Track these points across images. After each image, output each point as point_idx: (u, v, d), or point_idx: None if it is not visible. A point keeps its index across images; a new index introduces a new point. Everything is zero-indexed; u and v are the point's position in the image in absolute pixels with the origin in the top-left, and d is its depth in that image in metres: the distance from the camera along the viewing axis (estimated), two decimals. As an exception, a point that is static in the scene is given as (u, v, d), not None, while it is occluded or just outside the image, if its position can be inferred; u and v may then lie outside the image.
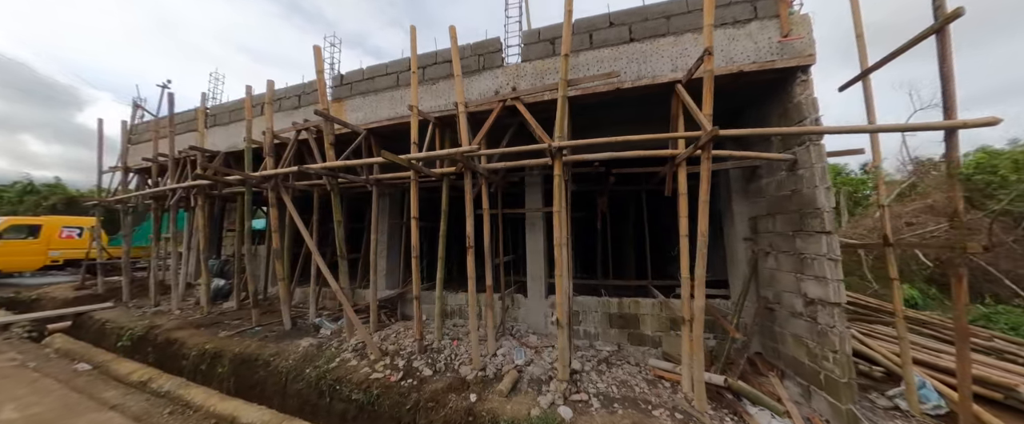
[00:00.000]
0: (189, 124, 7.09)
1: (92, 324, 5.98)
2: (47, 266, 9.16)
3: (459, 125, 4.17)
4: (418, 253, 4.35)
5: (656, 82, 4.02)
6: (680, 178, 4.08)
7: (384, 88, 5.18)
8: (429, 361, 4.17)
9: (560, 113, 3.72)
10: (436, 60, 4.90)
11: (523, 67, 4.45)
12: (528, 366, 4.16)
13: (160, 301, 6.80)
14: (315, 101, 5.73)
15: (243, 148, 6.25)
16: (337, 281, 4.75)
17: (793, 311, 3.97)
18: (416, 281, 4.37)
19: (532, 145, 3.99)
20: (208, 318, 5.86)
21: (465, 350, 4.55)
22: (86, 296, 7.18)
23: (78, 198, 16.10)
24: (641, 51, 4.10)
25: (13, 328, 5.37)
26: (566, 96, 3.74)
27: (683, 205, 4.05)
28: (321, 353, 4.50)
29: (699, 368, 3.46)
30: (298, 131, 5.21)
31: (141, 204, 7.39)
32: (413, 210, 4.37)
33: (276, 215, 5.19)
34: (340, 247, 4.64)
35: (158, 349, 5.02)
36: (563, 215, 3.79)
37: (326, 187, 5.85)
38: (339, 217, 4.64)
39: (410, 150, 4.37)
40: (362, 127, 5.16)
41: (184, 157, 6.52)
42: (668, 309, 4.96)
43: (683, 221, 4.05)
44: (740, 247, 4.89)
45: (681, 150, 4.02)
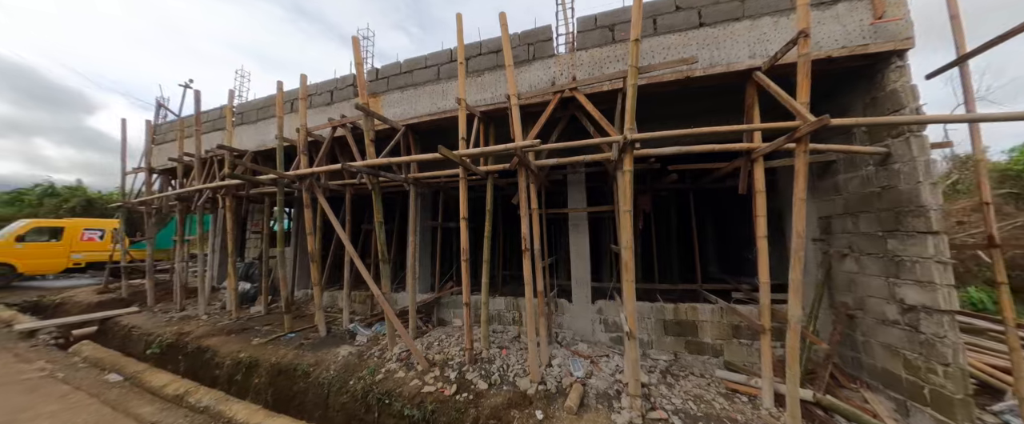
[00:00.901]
0: (214, 123, 6.82)
1: (118, 330, 5.71)
2: (69, 269, 8.96)
3: (512, 118, 3.82)
4: (468, 256, 4.00)
5: (731, 70, 3.65)
6: (757, 174, 3.71)
7: (423, 82, 4.85)
8: (482, 372, 3.82)
9: (630, 103, 3.35)
10: (480, 51, 4.55)
11: (578, 56, 4.09)
12: (589, 379, 3.80)
13: (185, 305, 6.52)
14: (348, 97, 5.42)
15: (272, 147, 5.96)
16: (378, 285, 4.41)
17: (883, 319, 3.57)
18: (466, 286, 4.02)
19: (587, 139, 3.63)
20: (238, 324, 5.56)
21: (515, 360, 4.20)
22: (110, 300, 6.93)
23: (97, 200, 15.98)
24: (713, 37, 3.72)
25: (40, 334, 5.10)
26: (636, 84, 3.37)
27: (760, 203, 3.68)
28: (363, 363, 4.17)
29: (794, 384, 3.07)
30: (334, 127, 4.89)
31: (165, 206, 7.14)
32: (463, 210, 4.02)
33: (310, 216, 4.87)
34: (382, 250, 4.30)
35: (189, 358, 4.72)
36: (631, 215, 3.42)
37: (358, 187, 5.55)
38: (380, 218, 4.31)
39: (458, 146, 4.03)
40: (400, 123, 4.83)
41: (211, 157, 6.23)
42: (729, 315, 4.57)
43: (760, 221, 3.68)
44: (808, 249, 4.48)
45: (758, 143, 3.65)
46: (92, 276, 9.51)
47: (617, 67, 3.94)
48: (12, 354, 4.45)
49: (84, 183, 17.23)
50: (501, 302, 5.60)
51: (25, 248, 8.22)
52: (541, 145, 3.35)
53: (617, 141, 3.34)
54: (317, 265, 4.92)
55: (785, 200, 4.96)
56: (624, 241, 3.41)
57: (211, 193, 6.08)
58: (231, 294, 5.81)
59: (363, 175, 4.34)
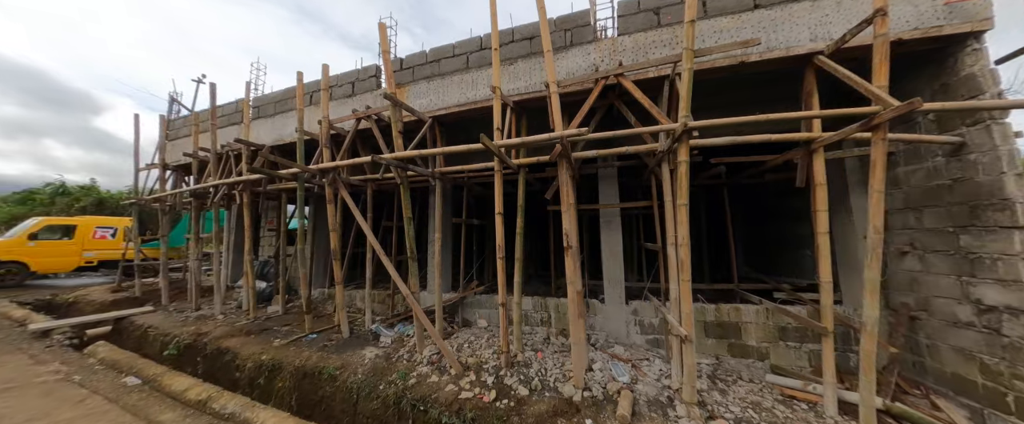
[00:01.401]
0: (229, 118, 6.60)
1: (133, 330, 5.50)
2: (81, 267, 8.78)
3: (551, 107, 3.56)
4: (504, 253, 3.75)
5: (790, 54, 3.37)
6: (817, 166, 3.44)
7: (451, 71, 4.60)
8: (521, 377, 3.57)
9: (686, 89, 3.09)
10: (512, 37, 4.30)
11: (620, 41, 3.83)
12: (635, 384, 3.54)
13: (201, 305, 6.31)
14: (371, 89, 5.18)
15: (290, 141, 5.75)
16: (406, 284, 4.17)
17: (954, 321, 3.29)
18: (502, 285, 3.77)
19: (626, 130, 3.37)
20: (256, 324, 5.34)
21: (552, 363, 3.94)
22: (124, 299, 6.73)
23: (108, 199, 15.86)
24: (769, 19, 3.45)
25: (54, 334, 4.90)
26: (692, 69, 3.11)
27: (821, 198, 3.41)
28: (392, 366, 3.93)
29: (870, 392, 2.81)
30: (359, 119, 4.65)
31: (179, 203, 6.93)
32: (498, 205, 3.77)
33: (333, 212, 4.63)
34: (411, 247, 4.06)
35: (208, 360, 4.50)
36: (686, 209, 3.16)
37: (379, 182, 5.31)
38: (409, 213, 4.06)
39: (493, 137, 3.78)
40: (427, 115, 4.58)
41: (227, 152, 6.01)
42: (776, 316, 4.30)
43: (821, 217, 3.40)
44: (861, 246, 4.20)
45: (819, 133, 3.37)
46: (104, 274, 9.34)
47: (663, 52, 3.68)
48: (27, 355, 4.24)
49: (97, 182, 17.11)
50: (528, 302, 5.35)
51: (38, 246, 8.05)
52: (588, 134, 3.10)
53: (672, 129, 3.07)
54: (339, 263, 4.69)
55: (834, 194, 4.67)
56: (680, 238, 3.15)
57: (227, 189, 5.86)
58: (249, 293, 5.58)
59: (392, 168, 4.09)
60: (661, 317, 4.72)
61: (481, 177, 5.24)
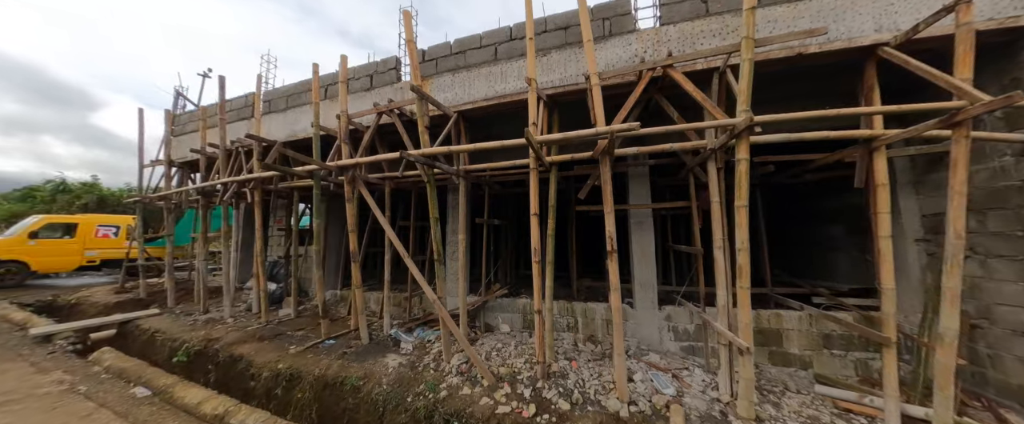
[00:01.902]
0: (238, 112, 6.30)
1: (139, 334, 5.23)
2: (83, 267, 8.47)
3: (593, 100, 3.30)
4: (540, 256, 3.49)
5: (852, 46, 3.12)
6: (878, 166, 3.20)
7: (478, 64, 4.33)
8: (560, 389, 3.32)
9: (746, 81, 2.84)
10: (545, 27, 4.03)
11: (665, 31, 3.57)
12: (682, 397, 3.30)
13: (208, 307, 6.03)
14: (390, 82, 4.90)
15: (303, 137, 5.47)
16: (432, 287, 3.91)
17: (1021, 330, 3.07)
18: (537, 290, 3.52)
19: (670, 125, 3.12)
20: (268, 329, 5.07)
21: (589, 374, 3.70)
22: (128, 301, 6.44)
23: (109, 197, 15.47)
24: (829, 8, 3.20)
25: (56, 339, 4.61)
26: (753, 59, 2.85)
27: (883, 199, 3.17)
28: (419, 376, 3.67)
29: (947, 408, 2.58)
30: (380, 114, 4.37)
31: (185, 201, 6.64)
32: (534, 204, 3.51)
33: (353, 211, 4.36)
34: (437, 249, 3.80)
35: (221, 368, 4.23)
36: (746, 211, 2.91)
37: (398, 180, 5.04)
38: (435, 213, 3.80)
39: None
40: (452, 110, 4.31)
41: (237, 148, 5.72)
42: (820, 323, 4.07)
43: (883, 219, 3.16)
44: (911, 250, 3.97)
45: (880, 130, 3.13)
46: (106, 274, 9.03)
47: (712, 43, 3.42)
48: (28, 362, 3.96)
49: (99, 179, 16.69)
50: (553, 307, 5.09)
51: (38, 245, 7.74)
52: (639, 129, 2.84)
53: (731, 125, 2.82)
54: (358, 265, 4.42)
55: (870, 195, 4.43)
56: (739, 241, 2.90)
57: (237, 187, 5.57)
58: (261, 296, 5.31)
59: (417, 166, 3.82)
60: (696, 324, 4.49)
61: (504, 175, 4.97)
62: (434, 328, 5.11)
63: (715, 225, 3.55)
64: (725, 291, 3.52)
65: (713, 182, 3.52)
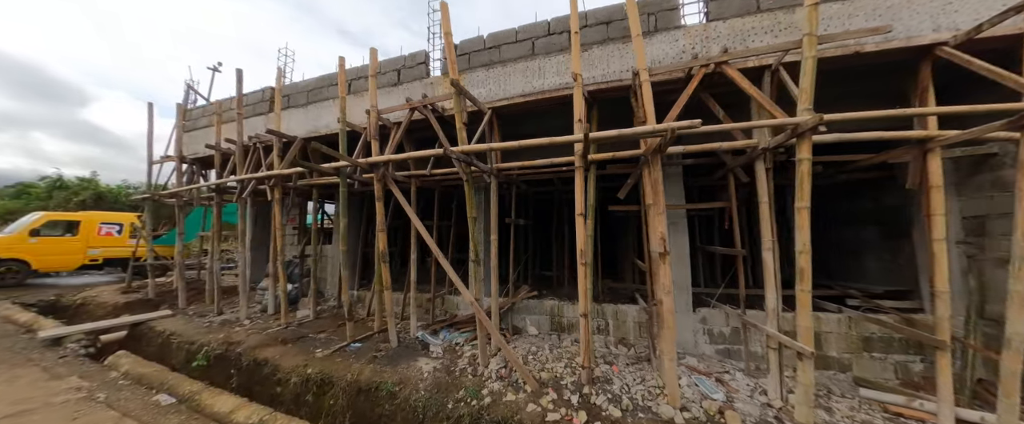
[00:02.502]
0: (254, 108, 6.07)
1: (153, 336, 4.99)
2: (85, 265, 8.14)
3: (642, 97, 3.17)
4: (588, 258, 3.35)
5: (910, 45, 3.03)
6: (932, 167, 3.11)
7: (514, 58, 4.18)
8: (608, 395, 3.19)
9: (809, 79, 2.73)
10: (586, 21, 3.89)
11: (714, 27, 3.45)
12: (732, 402, 3.19)
13: (222, 308, 5.80)
14: (419, 77, 4.73)
15: (325, 133, 5.27)
16: (467, 289, 3.75)
17: (1077, 336, 2.99)
18: (583, 294, 3.38)
19: (729, 123, 3.02)
20: (289, 331, 4.87)
21: (632, 378, 3.58)
22: (137, 301, 6.18)
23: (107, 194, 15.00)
24: (886, 6, 3.10)
25: (67, 342, 4.36)
26: (815, 56, 2.75)
27: (938, 200, 3.09)
28: (457, 381, 3.51)
29: (1013, 414, 2.49)
30: (412, 109, 4.20)
31: (197, 198, 6.39)
32: (579, 205, 3.38)
33: (382, 210, 4.18)
34: (475, 249, 3.65)
35: (244, 373, 4.03)
36: (808, 212, 2.80)
37: (424, 179, 4.87)
38: (473, 213, 3.65)
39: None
40: (486, 106, 4.16)
41: (254, 143, 5.50)
42: (859, 325, 4.00)
43: (937, 221, 3.08)
44: (951, 253, 3.90)
45: (935, 131, 3.05)
46: (109, 273, 8.70)
47: (764, 39, 3.31)
48: (40, 368, 3.72)
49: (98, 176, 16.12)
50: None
51: (39, 243, 7.40)
52: (701, 125, 2.71)
53: (795, 123, 2.71)
54: (387, 266, 4.24)
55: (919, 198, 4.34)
56: (800, 244, 2.79)
57: (255, 184, 5.35)
58: (281, 297, 5.10)
59: (456, 163, 3.66)
60: (732, 326, 4.40)
61: (536, 174, 4.81)
62: (462, 330, 4.95)
63: (764, 227, 3.44)
64: (775, 294, 3.42)
65: (762, 183, 3.42)
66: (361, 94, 5.04)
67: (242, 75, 5.36)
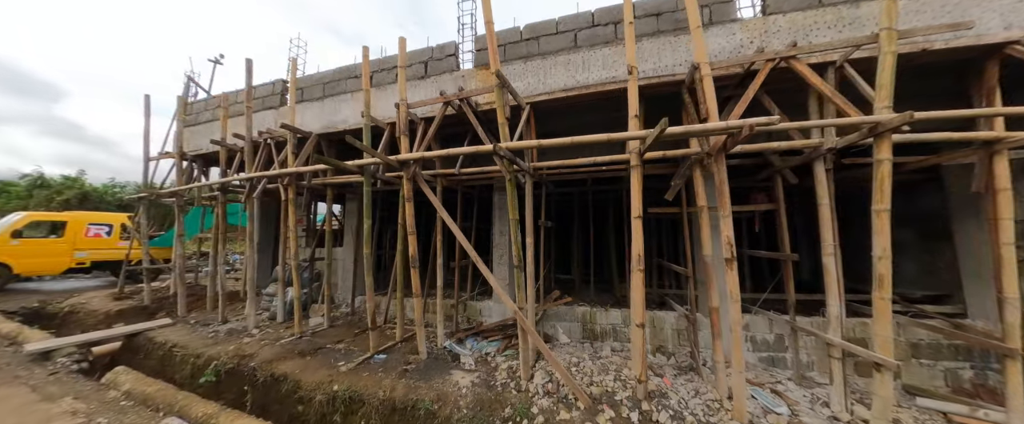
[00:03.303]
0: (263, 101, 5.66)
1: (153, 348, 4.54)
2: (71, 269, 7.52)
3: (704, 92, 2.96)
4: (643, 264, 3.11)
5: (981, 42, 2.89)
6: (999, 169, 2.98)
7: (554, 51, 3.93)
8: (670, 412, 2.95)
9: (888, 76, 2.56)
10: (636, 13, 3.65)
11: (774, 21, 3.26)
12: (797, 416, 2.99)
13: (227, 316, 5.37)
14: (449, 69, 4.44)
15: (343, 129, 4.92)
16: (510, 296, 3.47)
17: None
18: (638, 302, 3.13)
19: (805, 121, 2.82)
20: (304, 342, 4.50)
21: (685, 391, 3.35)
22: (131, 309, 5.68)
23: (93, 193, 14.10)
24: (955, 3, 2.96)
25: (57, 356, 3.89)
26: (895, 52, 2.57)
27: (1006, 204, 2.96)
28: (500, 397, 3.22)
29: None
30: (446, 103, 3.90)
31: (198, 198, 5.94)
32: (636, 206, 3.13)
33: (411, 210, 3.87)
34: (518, 253, 3.37)
35: (260, 389, 3.65)
36: (888, 215, 2.62)
37: (453, 177, 4.57)
38: (515, 215, 3.38)
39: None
40: (524, 101, 3.89)
41: (265, 139, 5.11)
42: (908, 331, 3.86)
43: (1006, 225, 2.95)
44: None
45: (1002, 132, 2.92)
46: (97, 277, 8.09)
47: (827, 35, 3.14)
48: (27, 386, 3.28)
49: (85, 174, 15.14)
50: (617, 315, 4.74)
51: (22, 245, 6.77)
52: (786, 123, 2.51)
53: (876, 122, 2.53)
54: (417, 271, 3.93)
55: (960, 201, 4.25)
56: (880, 249, 2.61)
57: (266, 182, 4.96)
58: (295, 304, 4.72)
59: (498, 161, 3.38)
60: (776, 333, 4.22)
61: (570, 174, 4.56)
62: (490, 339, 4.66)
63: (825, 230, 3.27)
64: (837, 301, 3.24)
65: (822, 184, 3.25)
66: (383, 87, 4.72)
67: (252, 65, 4.96)
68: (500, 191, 5.38)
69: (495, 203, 5.39)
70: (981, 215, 3.98)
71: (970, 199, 4.14)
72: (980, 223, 3.95)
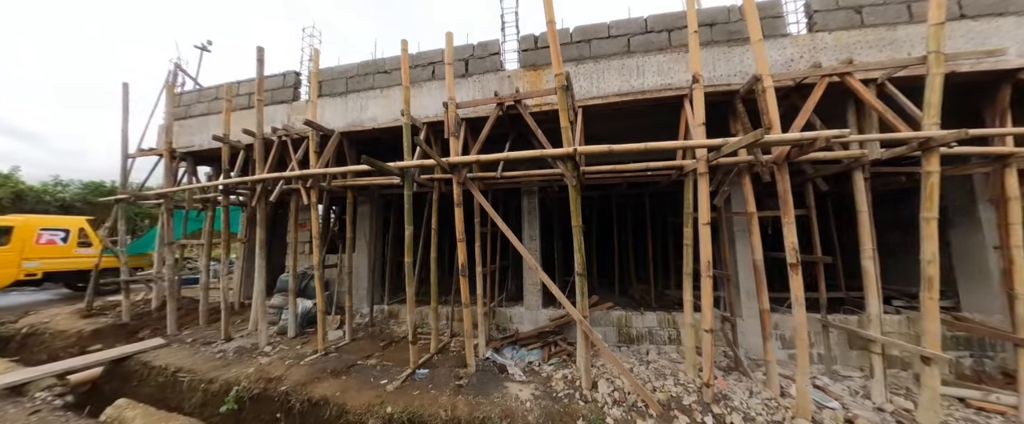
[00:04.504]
0: (271, 94, 5.15)
1: (149, 374, 3.96)
2: (19, 281, 6.36)
3: (766, 103, 3.06)
4: (711, 271, 3.16)
5: (998, 68, 3.23)
6: (1009, 181, 3.34)
7: (607, 55, 3.90)
8: (741, 414, 3.01)
9: (936, 95, 2.79)
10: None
11: (820, 38, 3.45)
12: (847, 409, 3.17)
13: (231, 333, 4.83)
14: (493, 68, 4.27)
15: (371, 127, 4.59)
16: (573, 304, 3.40)
17: (1116, 330, 3.38)
18: (707, 306, 3.18)
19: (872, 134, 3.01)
20: (332, 359, 4.14)
21: (742, 391, 3.45)
22: (108, 327, 4.92)
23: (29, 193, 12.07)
24: (978, 31, 3.29)
25: (32, 390, 3.24)
26: (942, 73, 2.81)
27: (1015, 211, 3.32)
28: (568, 409, 3.13)
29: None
30: (500, 104, 3.74)
31: (190, 200, 5.28)
32: (704, 214, 3.17)
33: (461, 216, 3.68)
34: (581, 261, 3.30)
35: (296, 418, 3.29)
36: (934, 224, 2.85)
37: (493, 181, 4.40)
38: (578, 222, 3.30)
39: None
40: (577, 104, 3.83)
41: (280, 137, 4.65)
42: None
43: (1015, 228, 3.32)
44: (990, 257, 4.28)
45: (1013, 148, 3.28)
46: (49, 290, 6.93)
47: (869, 53, 3.37)
48: (6, 433, 2.71)
49: (19, 170, 12.92)
50: (652, 318, 4.81)
51: (-48, 256, 5.63)
52: (855, 135, 2.64)
53: (925, 138, 2.74)
54: (466, 279, 3.74)
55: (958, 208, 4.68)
56: (928, 253, 2.82)
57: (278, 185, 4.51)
58: (319, 318, 4.33)
59: (560, 165, 3.30)
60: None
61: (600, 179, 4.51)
62: (530, 348, 4.55)
63: (864, 235, 3.51)
64: (877, 300, 3.49)
65: (861, 193, 3.48)
66: (417, 85, 4.45)
67: (264, 54, 4.49)
68: (528, 195, 5.28)
69: (524, 208, 5.28)
70: (973, 221, 4.48)
71: (963, 207, 4.66)
72: (973, 228, 4.44)
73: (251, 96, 5.18)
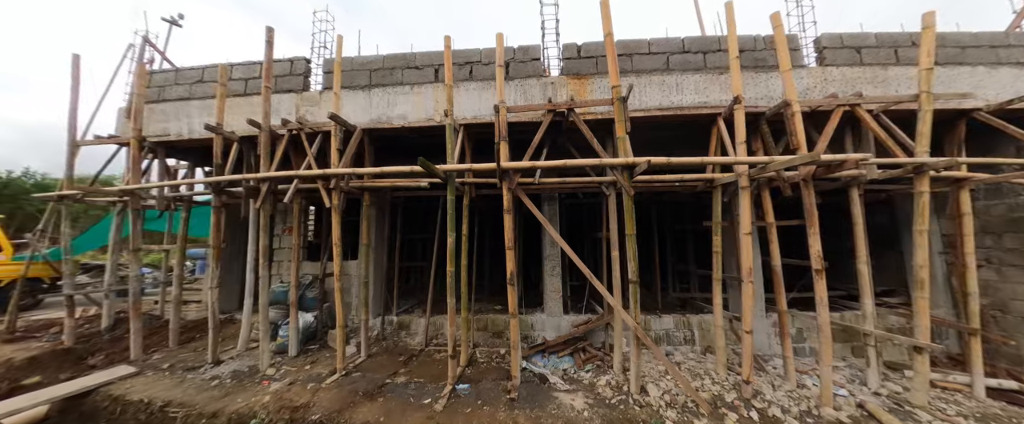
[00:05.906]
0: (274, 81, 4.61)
1: (122, 410, 3.28)
2: None
3: (793, 125, 3.48)
4: (752, 277, 3.47)
5: (960, 107, 4.00)
6: (963, 199, 4.14)
7: (648, 70, 4.11)
8: (779, 407, 3.34)
9: (926, 127, 3.38)
10: (719, 46, 4.08)
11: (829, 72, 3.99)
12: (856, 396, 3.68)
13: (220, 355, 4.22)
14: (534, 74, 4.27)
15: (399, 126, 4.34)
16: (628, 311, 3.52)
17: (1030, 318, 4.35)
18: (747, 309, 3.49)
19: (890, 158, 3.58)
20: (358, 380, 3.81)
21: (767, 387, 3.82)
22: (47, 353, 3.99)
23: None
24: (947, 75, 4.04)
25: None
26: (932, 109, 3.42)
27: (968, 224, 4.11)
28: (627, 415, 3.23)
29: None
30: (550, 111, 3.75)
31: (162, 199, 4.50)
32: (746, 224, 3.49)
33: (511, 223, 3.64)
34: (634, 269, 3.44)
35: (337, 445, 2.98)
36: (925, 236, 3.44)
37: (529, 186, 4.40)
38: (632, 230, 3.45)
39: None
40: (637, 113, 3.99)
41: (290, 130, 4.19)
42: (886, 318, 5.04)
43: (968, 239, 4.10)
44: (937, 261, 5.24)
45: (967, 173, 4.09)
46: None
47: (867, 88, 3.97)
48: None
49: None
50: (669, 321, 5.13)
51: None
52: (875, 159, 3.10)
53: (920, 163, 3.32)
54: (514, 288, 3.69)
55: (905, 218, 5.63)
56: (920, 260, 3.40)
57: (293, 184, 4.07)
58: (338, 336, 3.96)
59: (612, 172, 3.42)
60: (797, 327, 5.08)
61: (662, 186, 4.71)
62: (560, 355, 4.59)
63: (859, 243, 4.09)
64: (870, 300, 4.08)
65: (857, 206, 4.06)
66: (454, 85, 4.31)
67: (273, 35, 4.03)
68: (549, 202, 5.35)
69: (545, 214, 5.33)
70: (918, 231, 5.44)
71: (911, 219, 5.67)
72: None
73: (247, 82, 4.60)
